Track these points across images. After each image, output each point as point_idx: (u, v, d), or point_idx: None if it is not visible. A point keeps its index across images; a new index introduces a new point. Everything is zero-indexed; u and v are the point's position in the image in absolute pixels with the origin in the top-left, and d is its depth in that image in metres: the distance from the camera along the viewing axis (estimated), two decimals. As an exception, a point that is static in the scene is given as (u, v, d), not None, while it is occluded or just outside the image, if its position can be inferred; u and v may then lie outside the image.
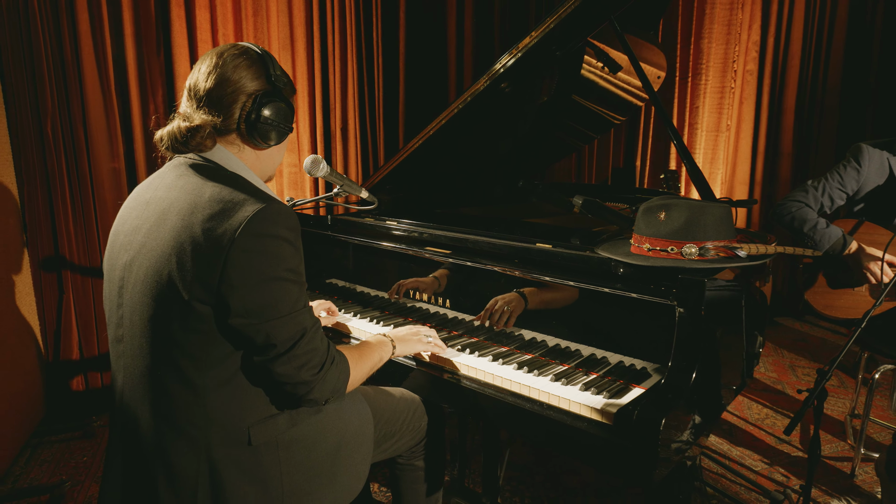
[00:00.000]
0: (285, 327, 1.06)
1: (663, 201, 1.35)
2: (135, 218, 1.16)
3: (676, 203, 1.33)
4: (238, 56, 1.16)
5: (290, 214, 1.09)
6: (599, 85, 2.31)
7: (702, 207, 1.32)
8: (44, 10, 2.47)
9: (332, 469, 1.23)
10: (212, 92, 1.14)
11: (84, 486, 2.25)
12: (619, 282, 1.36)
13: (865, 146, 2.21)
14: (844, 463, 2.40)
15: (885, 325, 2.11)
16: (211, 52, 1.17)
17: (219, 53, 1.16)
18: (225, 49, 1.17)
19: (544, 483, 2.27)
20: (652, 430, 1.10)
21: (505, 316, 1.56)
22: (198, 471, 1.10)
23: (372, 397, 1.41)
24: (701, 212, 1.32)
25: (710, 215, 1.31)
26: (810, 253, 1.36)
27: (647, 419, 1.11)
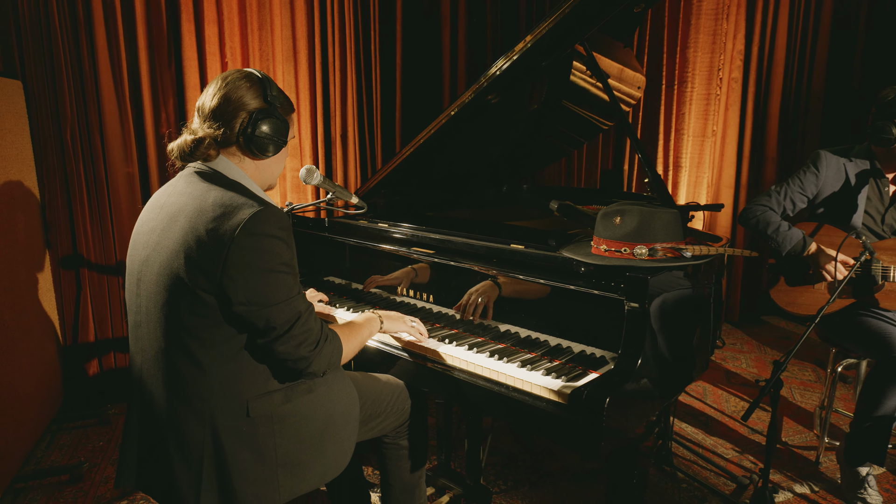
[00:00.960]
0: (283, 312, 1.23)
1: (619, 207, 1.52)
2: (151, 220, 1.34)
3: (630, 209, 1.49)
4: (240, 79, 1.34)
5: (282, 216, 1.26)
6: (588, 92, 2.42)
7: (652, 213, 1.48)
8: (64, 25, 2.66)
9: (320, 443, 1.40)
10: (216, 109, 1.32)
11: (100, 468, 2.44)
12: (580, 279, 1.52)
13: (824, 153, 2.36)
14: (811, 451, 2.55)
15: (842, 322, 2.25)
16: (218, 76, 1.35)
17: (224, 77, 1.34)
18: (230, 73, 1.35)
19: (526, 468, 2.43)
20: (598, 407, 1.26)
21: (482, 305, 1.72)
22: (203, 438, 1.27)
23: (359, 381, 1.58)
24: (651, 217, 1.48)
25: (660, 220, 1.47)
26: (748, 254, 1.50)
27: (595, 398, 1.28)
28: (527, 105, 2.51)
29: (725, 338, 3.96)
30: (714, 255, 1.49)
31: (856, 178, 2.29)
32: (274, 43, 3.00)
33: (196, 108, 1.36)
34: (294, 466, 1.36)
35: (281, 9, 2.98)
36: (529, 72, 2.11)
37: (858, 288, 2.21)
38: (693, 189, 3.89)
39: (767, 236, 2.32)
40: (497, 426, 2.74)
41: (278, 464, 1.33)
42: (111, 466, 2.44)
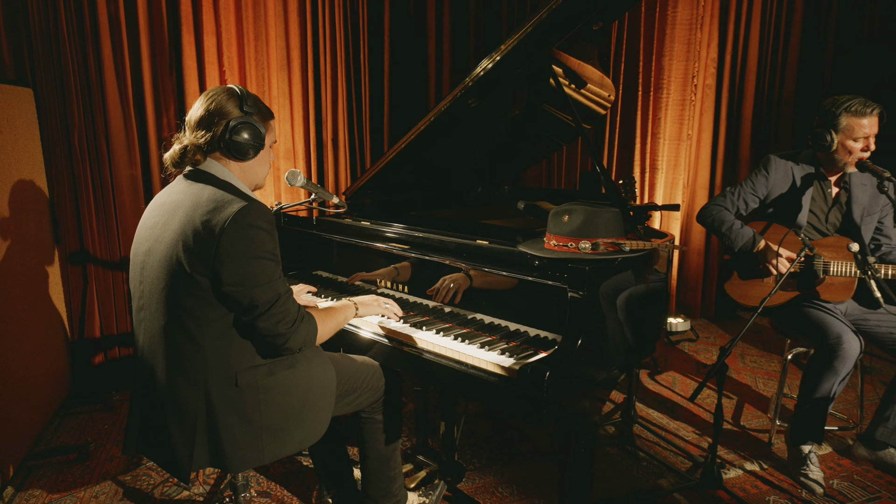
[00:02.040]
0: (264, 293, 1.43)
1: (568, 207, 1.71)
2: (153, 217, 1.54)
3: (577, 209, 1.69)
4: (220, 93, 1.55)
5: (266, 211, 1.46)
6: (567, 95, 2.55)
7: (596, 212, 1.68)
8: (72, 36, 2.86)
9: (301, 412, 1.60)
10: (199, 120, 1.53)
11: (105, 448, 2.63)
12: (534, 271, 1.71)
13: (773, 157, 2.55)
14: (765, 434, 2.74)
15: (788, 313, 2.44)
16: (203, 93, 1.56)
17: (206, 93, 1.56)
18: (212, 90, 1.56)
19: (499, 448, 2.62)
20: (539, 380, 1.45)
21: (452, 290, 1.91)
22: (197, 405, 1.47)
23: (337, 360, 1.78)
24: (595, 216, 1.67)
25: (602, 219, 1.67)
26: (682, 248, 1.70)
27: (537, 372, 1.47)
28: (508, 111, 2.69)
29: (700, 332, 4.15)
30: (649, 248, 1.68)
31: (801, 180, 2.48)
32: (269, 53, 3.19)
33: (185, 121, 1.56)
34: (277, 432, 1.56)
35: (275, 20, 3.17)
36: (500, 81, 2.26)
37: (802, 281, 2.40)
38: (669, 190, 4.08)
39: (722, 234, 2.51)
40: (472, 411, 2.93)
41: (263, 429, 1.53)
42: (116, 447, 2.63)
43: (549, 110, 2.64)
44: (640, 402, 3.06)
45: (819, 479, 2.32)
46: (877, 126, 2.28)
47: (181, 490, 2.31)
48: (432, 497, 2.17)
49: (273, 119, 1.66)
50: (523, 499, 2.25)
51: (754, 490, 2.33)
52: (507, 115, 2.68)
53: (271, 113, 1.65)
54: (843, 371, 2.22)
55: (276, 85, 3.23)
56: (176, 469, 1.52)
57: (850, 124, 2.26)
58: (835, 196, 2.48)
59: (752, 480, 2.40)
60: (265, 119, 1.60)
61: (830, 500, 2.27)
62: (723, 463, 2.50)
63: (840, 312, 2.41)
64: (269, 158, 1.66)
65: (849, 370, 2.23)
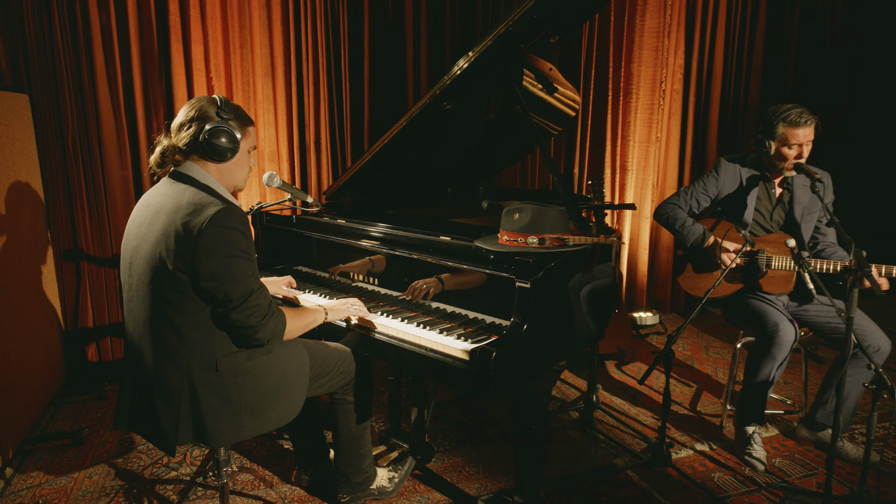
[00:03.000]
0: (237, 288, 1.59)
1: (519, 205, 1.89)
2: (140, 216, 1.70)
3: (526, 207, 1.87)
4: (200, 101, 1.71)
5: (240, 213, 1.62)
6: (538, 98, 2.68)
7: (543, 210, 1.86)
8: (66, 45, 3.02)
9: (276, 394, 1.77)
10: (182, 124, 1.69)
11: (98, 434, 2.79)
12: (490, 264, 1.89)
13: (723, 159, 2.74)
14: (718, 418, 2.93)
15: (735, 304, 2.63)
16: (189, 101, 1.72)
17: (191, 101, 1.72)
18: (197, 98, 1.72)
19: (469, 432, 2.80)
20: (486, 360, 1.63)
21: (423, 292, 2.08)
22: (181, 387, 1.64)
23: (311, 346, 1.95)
24: (542, 213, 1.85)
25: (548, 216, 1.85)
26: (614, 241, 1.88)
27: (485, 353, 1.65)
28: (483, 114, 2.85)
29: (668, 325, 4.35)
30: (590, 243, 1.87)
31: (748, 181, 2.67)
32: (254, 60, 3.36)
33: (170, 126, 1.72)
34: (255, 411, 1.73)
35: (260, 29, 3.34)
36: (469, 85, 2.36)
37: (747, 274, 2.59)
38: (640, 191, 4.27)
39: (675, 230, 2.70)
40: (444, 399, 3.12)
41: (242, 408, 1.70)
42: (108, 433, 2.80)
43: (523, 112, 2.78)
44: (605, 391, 3.25)
45: (762, 457, 2.51)
46: (811, 136, 2.46)
47: (169, 470, 2.48)
48: (401, 472, 2.35)
49: (252, 126, 1.81)
50: (487, 476, 2.43)
51: (702, 468, 2.52)
52: (481, 118, 2.85)
53: (250, 120, 1.80)
54: (780, 357, 2.41)
55: (261, 90, 3.40)
56: (163, 443, 1.69)
57: (785, 133, 2.45)
58: (778, 196, 2.67)
59: (700, 459, 2.59)
60: (243, 125, 1.76)
61: (771, 476, 2.46)
62: (672, 443, 2.69)
63: (781, 304, 2.60)
64: (249, 162, 1.81)
65: (785, 356, 2.42)
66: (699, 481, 2.41)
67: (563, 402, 3.12)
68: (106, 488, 2.35)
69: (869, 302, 4.79)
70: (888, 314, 4.68)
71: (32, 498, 2.28)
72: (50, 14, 2.97)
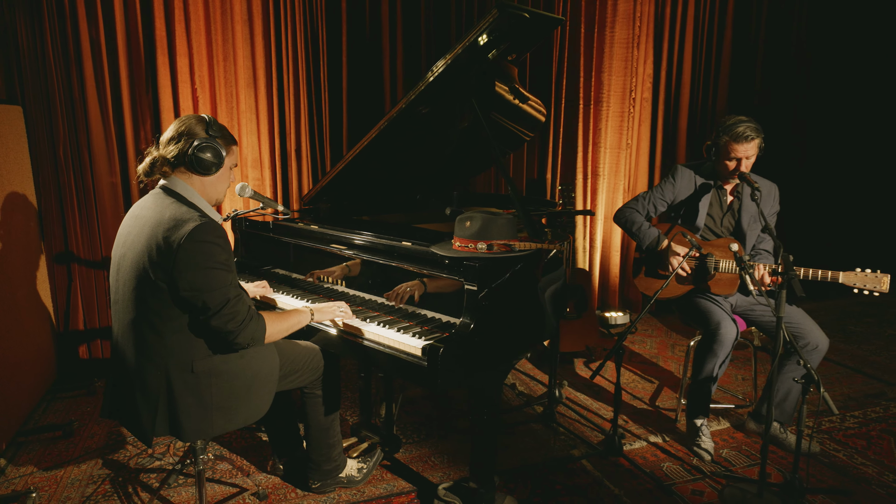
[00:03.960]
0: (215, 297, 1.74)
1: (470, 214, 2.06)
2: (128, 226, 1.86)
3: (476, 216, 2.03)
4: (189, 119, 1.87)
5: (217, 227, 1.78)
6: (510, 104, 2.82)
7: (492, 218, 2.02)
8: (57, 58, 3.18)
9: (246, 395, 1.92)
10: (171, 138, 1.84)
11: (88, 427, 2.95)
12: (445, 268, 2.05)
13: (680, 166, 2.90)
14: (674, 412, 3.10)
15: (686, 303, 2.80)
16: (178, 118, 1.87)
17: (179, 119, 1.87)
18: (187, 116, 1.88)
19: (439, 426, 2.97)
20: (435, 355, 1.80)
21: (407, 295, 2.21)
22: (160, 385, 1.79)
23: (281, 346, 2.10)
24: (491, 221, 2.02)
25: (496, 224, 2.02)
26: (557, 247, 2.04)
27: (434, 348, 1.82)
28: (457, 123, 3.01)
29: (639, 325, 4.52)
30: (535, 249, 2.04)
31: (701, 188, 2.84)
32: (237, 72, 3.52)
33: (159, 140, 1.88)
34: (225, 410, 1.88)
35: (243, 43, 3.50)
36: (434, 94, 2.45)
37: (697, 276, 2.76)
38: (611, 195, 4.45)
39: (632, 233, 2.87)
40: (417, 395, 3.28)
41: (213, 407, 1.85)
42: (97, 426, 2.96)
43: (497, 119, 2.94)
44: (570, 387, 3.41)
45: (709, 448, 2.68)
46: (752, 151, 2.61)
47: (153, 460, 2.64)
48: (370, 463, 2.51)
49: (236, 145, 1.96)
50: (451, 466, 2.60)
51: (653, 458, 2.69)
52: (455, 126, 3.01)
53: (234, 140, 1.95)
54: (722, 354, 2.59)
55: (243, 101, 3.56)
56: (141, 434, 1.85)
57: (727, 146, 2.62)
58: (729, 203, 2.84)
59: (653, 450, 2.76)
60: (228, 144, 1.91)
61: (717, 465, 2.64)
62: (624, 434, 2.86)
63: (729, 304, 2.78)
64: (230, 178, 1.96)
65: (727, 353, 2.60)
66: (648, 470, 2.58)
67: (529, 397, 3.29)
68: (93, 476, 2.52)
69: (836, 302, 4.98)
70: (853, 314, 4.87)
71: (25, 485, 2.44)
72: (42, 29, 3.13)
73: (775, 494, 2.34)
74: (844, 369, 3.72)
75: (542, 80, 4.21)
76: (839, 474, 2.56)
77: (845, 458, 2.68)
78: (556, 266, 2.31)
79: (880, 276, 2.41)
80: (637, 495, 2.41)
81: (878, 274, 2.41)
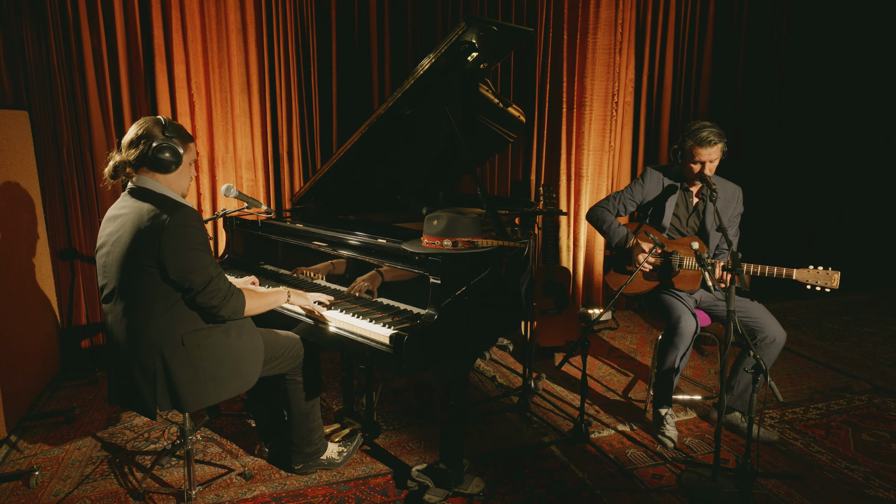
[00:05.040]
0: (199, 276, 1.92)
1: (438, 213, 2.21)
2: (108, 227, 2.03)
3: (443, 215, 2.19)
4: (147, 121, 2.01)
5: (193, 213, 1.94)
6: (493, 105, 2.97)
7: (457, 217, 2.18)
8: (62, 65, 3.36)
9: (236, 366, 2.10)
10: (131, 142, 1.99)
11: (89, 413, 3.14)
12: (415, 264, 2.21)
13: (649, 169, 3.05)
14: (644, 403, 3.25)
15: (652, 298, 2.95)
16: (136, 121, 2.02)
17: (138, 122, 2.01)
18: (143, 119, 2.02)
19: (420, 414, 3.13)
20: (400, 342, 1.96)
21: (365, 287, 2.40)
22: (155, 363, 1.97)
23: (265, 333, 2.27)
24: (456, 220, 2.18)
25: (461, 223, 2.18)
26: (517, 245, 2.19)
27: (400, 336, 1.98)
28: (441, 128, 3.16)
29: (622, 321, 4.67)
30: (497, 246, 2.20)
31: (669, 189, 2.99)
32: (232, 78, 3.70)
33: (120, 143, 2.03)
34: (218, 380, 2.06)
35: (237, 50, 3.68)
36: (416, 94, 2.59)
37: (662, 273, 2.91)
38: (595, 196, 4.59)
39: (603, 231, 3.02)
40: (399, 385, 3.45)
41: (207, 377, 2.03)
42: (97, 412, 3.14)
43: (483, 120, 3.10)
44: (548, 380, 3.57)
45: (673, 436, 2.83)
46: (715, 155, 2.75)
47: (149, 443, 2.82)
48: (350, 447, 2.68)
49: (192, 142, 2.11)
50: (428, 451, 2.76)
51: (619, 445, 2.84)
52: (440, 131, 3.17)
53: (191, 137, 2.11)
54: (682, 346, 2.73)
55: (238, 105, 3.74)
56: (146, 411, 2.03)
57: (691, 150, 2.77)
58: (695, 205, 2.99)
59: (619, 438, 2.91)
60: (185, 142, 2.06)
61: (679, 452, 2.78)
62: (591, 422, 3.02)
63: (693, 300, 2.92)
64: (190, 173, 2.12)
65: (687, 345, 2.74)
66: (613, 456, 2.73)
67: (507, 388, 3.45)
68: (92, 458, 2.70)
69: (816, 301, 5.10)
70: (832, 311, 5.00)
71: (29, 464, 2.63)
72: (47, 38, 3.32)
73: (729, 478, 2.49)
74: (815, 364, 3.86)
75: (527, 85, 4.37)
76: (794, 461, 2.70)
77: (802, 446, 2.83)
78: (521, 262, 2.46)
79: (831, 273, 2.55)
80: (600, 478, 2.56)
81: (830, 271, 2.55)
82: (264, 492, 2.44)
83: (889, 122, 5.48)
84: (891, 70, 5.36)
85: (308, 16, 3.81)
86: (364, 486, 2.49)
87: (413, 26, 4.05)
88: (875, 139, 5.50)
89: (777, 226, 5.24)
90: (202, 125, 3.70)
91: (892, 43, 5.30)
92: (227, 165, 3.78)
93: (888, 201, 5.70)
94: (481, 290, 2.23)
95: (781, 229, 5.28)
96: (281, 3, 3.71)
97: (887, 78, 5.38)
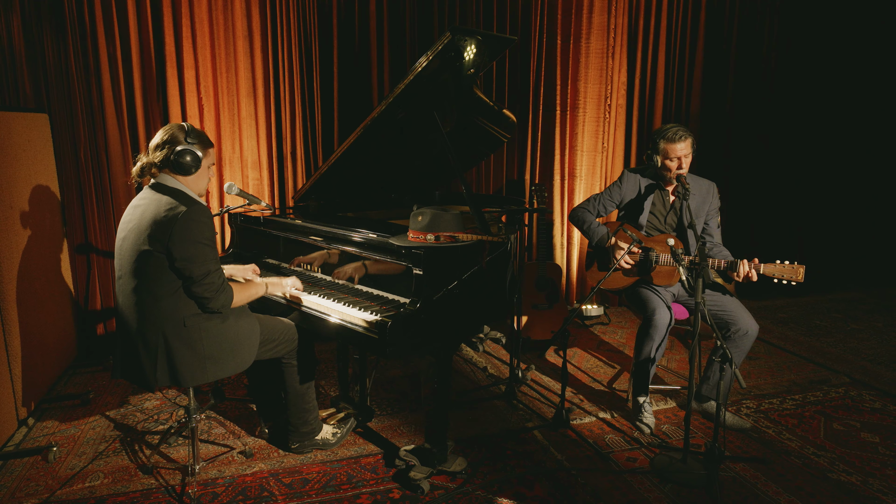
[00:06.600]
0: (199, 268, 2.11)
1: (423, 209, 2.39)
2: (128, 215, 2.23)
3: (427, 211, 2.37)
4: (172, 127, 2.22)
5: (207, 210, 2.15)
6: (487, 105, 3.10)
7: (440, 214, 2.36)
8: (79, 70, 3.59)
9: (233, 347, 2.29)
10: (157, 145, 2.21)
11: (102, 397, 3.35)
12: (401, 256, 2.39)
13: (626, 171, 3.21)
14: (626, 393, 3.40)
15: (630, 293, 3.11)
16: (163, 127, 2.24)
17: (164, 128, 2.23)
18: (170, 125, 2.24)
19: (411, 401, 3.31)
20: (384, 328, 2.14)
21: (349, 274, 2.58)
22: (158, 341, 2.16)
23: (261, 318, 2.47)
24: (440, 216, 2.35)
25: (444, 218, 2.35)
26: (498, 240, 2.36)
27: (384, 322, 2.16)
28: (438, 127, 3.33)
29: (613, 317, 4.81)
30: (476, 240, 2.37)
31: (645, 189, 3.14)
32: (238, 82, 3.90)
33: (148, 146, 2.25)
34: (216, 360, 2.25)
35: (244, 56, 3.88)
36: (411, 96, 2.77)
37: (641, 269, 3.07)
38: (588, 195, 4.73)
39: (584, 230, 3.19)
40: (395, 375, 3.63)
41: (206, 356, 2.22)
42: (111, 396, 3.35)
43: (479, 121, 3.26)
44: (538, 371, 3.73)
45: (650, 423, 2.98)
46: (688, 149, 2.92)
47: (158, 424, 3.03)
48: (344, 429, 2.86)
49: (212, 147, 2.33)
50: (417, 434, 2.94)
51: (598, 431, 3.00)
52: (438, 131, 3.33)
53: (211, 143, 2.33)
54: (657, 338, 2.88)
55: (244, 108, 3.94)
56: (145, 384, 2.23)
57: (665, 148, 2.93)
58: (671, 203, 3.14)
59: (599, 424, 3.06)
60: (205, 147, 2.28)
61: (655, 437, 2.94)
62: (573, 409, 3.18)
63: (671, 294, 3.07)
64: (208, 175, 2.33)
65: (662, 337, 2.89)
66: (591, 440, 2.89)
67: (496, 377, 3.62)
68: (105, 437, 2.91)
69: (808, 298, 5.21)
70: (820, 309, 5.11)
71: (48, 441, 2.84)
72: (66, 45, 3.54)
73: (698, 461, 2.64)
74: (798, 359, 3.98)
75: (521, 88, 4.53)
76: (764, 447, 2.84)
77: (774, 434, 2.97)
78: (503, 257, 2.63)
79: (796, 268, 2.69)
80: (577, 461, 2.72)
81: (795, 265, 2.69)
82: (263, 468, 2.63)
83: (880, 121, 5.58)
84: (881, 71, 5.46)
85: (311, 23, 4.01)
86: (356, 464, 2.67)
87: (411, 33, 4.23)
88: (866, 139, 5.60)
89: (768, 225, 5.35)
90: (210, 127, 3.91)
91: (880, 46, 5.40)
92: (234, 165, 3.99)
93: (880, 200, 5.79)
94: (463, 281, 2.40)
95: (772, 229, 5.39)
96: (285, 11, 3.92)
97: (877, 79, 5.47)
